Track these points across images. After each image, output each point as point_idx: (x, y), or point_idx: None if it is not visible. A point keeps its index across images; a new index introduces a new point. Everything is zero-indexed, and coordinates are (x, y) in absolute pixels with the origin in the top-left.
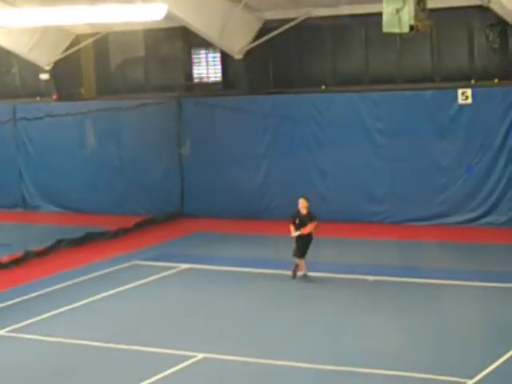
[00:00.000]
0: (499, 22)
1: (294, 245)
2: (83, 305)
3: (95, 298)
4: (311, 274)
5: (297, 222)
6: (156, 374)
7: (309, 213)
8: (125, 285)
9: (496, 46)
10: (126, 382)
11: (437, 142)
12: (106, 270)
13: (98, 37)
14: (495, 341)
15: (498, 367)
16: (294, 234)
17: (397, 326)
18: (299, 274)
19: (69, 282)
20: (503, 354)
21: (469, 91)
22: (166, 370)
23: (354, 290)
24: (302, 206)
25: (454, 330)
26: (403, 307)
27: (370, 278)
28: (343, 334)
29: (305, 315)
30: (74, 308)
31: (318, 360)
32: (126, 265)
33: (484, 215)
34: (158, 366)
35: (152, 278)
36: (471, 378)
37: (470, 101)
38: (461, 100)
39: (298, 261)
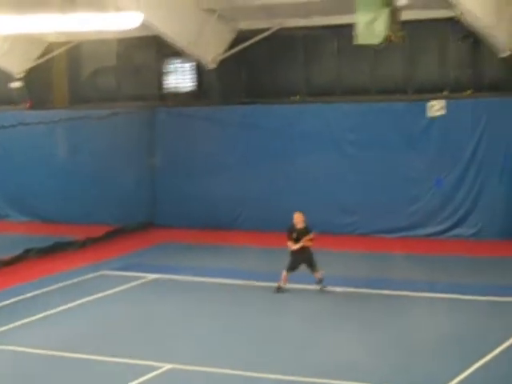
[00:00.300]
0: (471, 34)
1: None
2: (50, 315)
3: (62, 308)
4: (276, 284)
5: (294, 236)
6: None
7: (306, 227)
8: (92, 295)
9: (467, 58)
10: None
11: (407, 154)
12: (74, 280)
13: (70, 45)
14: (463, 352)
15: (466, 378)
16: (294, 246)
17: (364, 338)
18: (318, 284)
19: (36, 292)
20: (471, 365)
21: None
22: (132, 380)
23: (322, 301)
24: (299, 220)
25: (421, 343)
26: (371, 319)
27: (338, 289)
28: (311, 345)
29: (272, 326)
30: (40, 318)
31: (284, 371)
32: (93, 275)
33: (453, 227)
34: (124, 376)
35: (119, 288)
36: None
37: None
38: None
39: (285, 274)
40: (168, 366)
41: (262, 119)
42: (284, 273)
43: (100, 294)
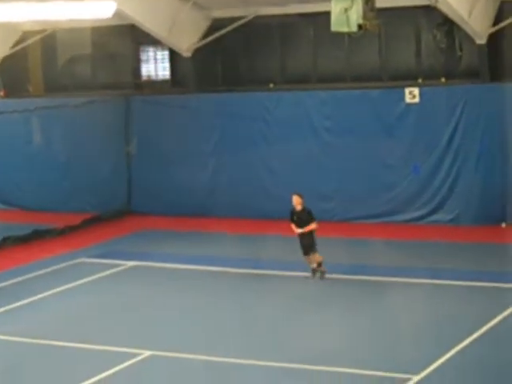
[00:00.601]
0: (446, 22)
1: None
2: (29, 302)
3: (41, 295)
4: (256, 271)
5: (295, 218)
6: (102, 372)
7: (304, 208)
8: (71, 282)
9: (443, 45)
10: (71, 380)
11: (384, 141)
12: (53, 268)
13: (45, 34)
14: (440, 337)
15: (443, 364)
16: (297, 231)
17: (343, 323)
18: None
19: (15, 280)
20: (448, 350)
21: (416, 90)
22: (112, 367)
23: (300, 287)
24: (297, 202)
25: (400, 327)
26: (350, 304)
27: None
28: (289, 330)
29: (251, 312)
30: (19, 306)
31: (264, 357)
32: (72, 262)
33: (430, 213)
34: (104, 363)
35: (98, 275)
36: (416, 374)
37: (417, 100)
38: (408, 99)
39: (306, 258)
40: (147, 353)
41: (237, 107)
42: (304, 258)
43: (79, 282)
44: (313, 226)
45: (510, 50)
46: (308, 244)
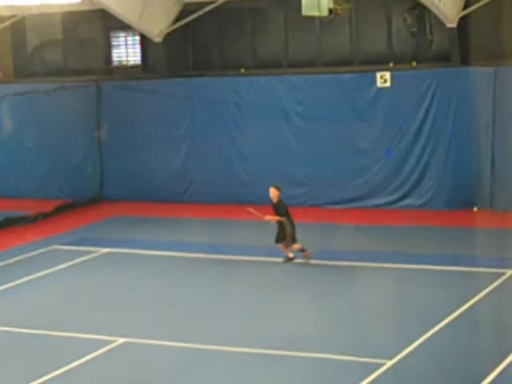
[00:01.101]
0: (416, 6)
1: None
2: (2, 290)
3: (14, 283)
4: (228, 257)
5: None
6: (76, 359)
7: (279, 201)
8: (44, 270)
9: (414, 29)
10: (44, 369)
11: (356, 125)
12: (26, 255)
13: (14, 19)
14: (413, 322)
15: (416, 347)
16: (266, 218)
17: (314, 309)
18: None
19: None
20: (421, 334)
21: (387, 74)
22: (86, 355)
23: (270, 272)
24: (273, 194)
25: (372, 312)
26: (321, 289)
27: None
28: (261, 316)
29: (223, 298)
30: None
31: (237, 343)
32: (45, 249)
33: (402, 198)
34: (77, 351)
35: (71, 262)
36: (390, 358)
37: (388, 84)
38: (379, 83)
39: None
40: (121, 340)
41: (209, 92)
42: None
43: (52, 269)
44: (278, 217)
45: (480, 34)
46: (281, 232)
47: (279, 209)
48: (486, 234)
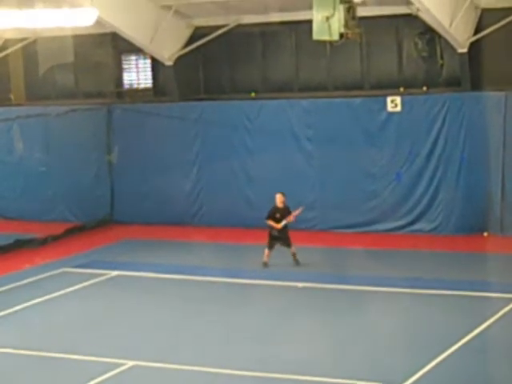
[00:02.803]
0: (427, 31)
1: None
2: (12, 312)
3: (24, 305)
4: (238, 280)
5: (277, 216)
6: (85, 382)
7: (285, 206)
8: (54, 292)
9: (425, 54)
10: None
11: (366, 150)
12: (35, 278)
13: (26, 42)
14: (423, 347)
15: (426, 373)
16: (280, 225)
17: (324, 333)
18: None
19: None
20: (431, 360)
21: (398, 99)
22: (95, 378)
23: (281, 296)
24: (280, 200)
25: (382, 337)
26: (331, 314)
27: (299, 284)
28: (272, 340)
29: (232, 322)
30: (1, 316)
31: (246, 367)
32: (55, 272)
33: (412, 222)
34: (87, 374)
35: (81, 285)
36: (401, 383)
37: (399, 108)
38: (390, 108)
39: (267, 251)
40: (131, 363)
41: (219, 116)
42: (266, 250)
43: (62, 292)
44: (290, 217)
45: (491, 59)
46: (286, 237)
47: (285, 213)
48: (497, 259)
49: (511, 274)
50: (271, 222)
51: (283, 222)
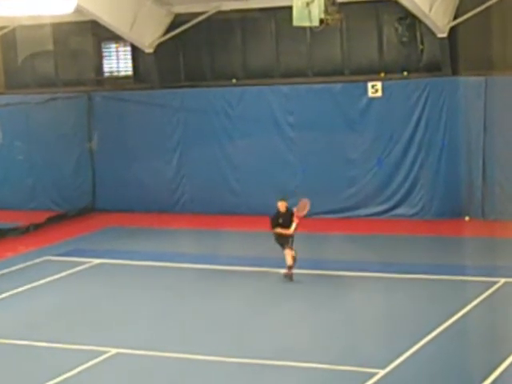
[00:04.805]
0: (407, 16)
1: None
2: None
3: (6, 294)
4: (220, 267)
5: (281, 221)
6: (68, 370)
7: (287, 209)
8: (36, 281)
9: (405, 39)
10: (36, 380)
11: (347, 135)
12: (18, 266)
13: (5, 30)
14: (405, 331)
15: (409, 357)
16: (291, 230)
17: (306, 318)
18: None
19: None
20: (413, 344)
21: (379, 84)
22: (78, 366)
23: (262, 282)
24: (283, 206)
25: (364, 322)
26: (311, 300)
27: (282, 270)
28: (252, 327)
29: (215, 309)
30: None
31: (230, 353)
32: (37, 260)
33: (394, 207)
34: (70, 362)
35: (64, 273)
36: (383, 368)
37: (379, 94)
38: (371, 93)
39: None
40: (114, 351)
41: (200, 103)
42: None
43: (44, 280)
44: (297, 221)
45: (471, 44)
46: (291, 238)
47: (288, 217)
48: (478, 243)
49: (492, 258)
50: (280, 230)
51: (294, 226)
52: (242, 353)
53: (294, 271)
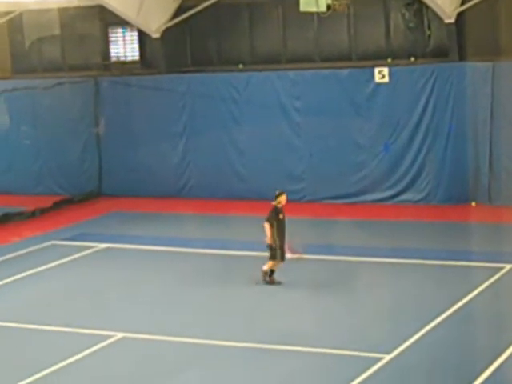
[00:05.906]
0: (414, 1)
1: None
2: (1, 285)
3: (12, 278)
4: (228, 252)
5: (281, 217)
6: (75, 354)
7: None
8: (42, 265)
9: (412, 24)
10: (42, 363)
11: (354, 121)
12: (24, 251)
13: (12, 15)
14: (411, 316)
15: (414, 342)
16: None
17: (313, 303)
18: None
19: None
20: (419, 329)
21: (385, 70)
22: (84, 349)
23: None
24: (285, 199)
25: (370, 307)
26: (318, 284)
27: (288, 256)
28: (261, 311)
29: (222, 294)
30: None
31: (236, 338)
32: (43, 245)
33: (401, 193)
34: (76, 345)
35: (70, 257)
36: (389, 353)
37: (386, 79)
38: (378, 79)
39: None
40: (120, 335)
41: (207, 88)
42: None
43: (50, 265)
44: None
45: (478, 29)
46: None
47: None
48: (484, 228)
49: (499, 244)
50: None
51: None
52: (249, 337)
53: (302, 256)
